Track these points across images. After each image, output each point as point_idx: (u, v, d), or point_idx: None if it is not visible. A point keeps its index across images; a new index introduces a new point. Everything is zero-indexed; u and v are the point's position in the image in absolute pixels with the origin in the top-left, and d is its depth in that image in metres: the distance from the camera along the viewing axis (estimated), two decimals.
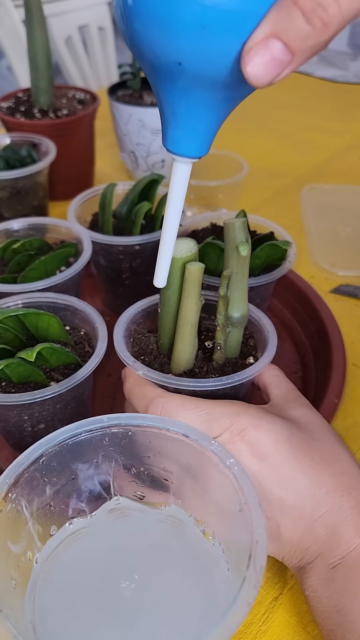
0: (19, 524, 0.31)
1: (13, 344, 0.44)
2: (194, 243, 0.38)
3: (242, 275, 0.39)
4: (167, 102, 0.31)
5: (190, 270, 0.36)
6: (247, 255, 0.37)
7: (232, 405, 0.35)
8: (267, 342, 0.42)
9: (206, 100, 0.30)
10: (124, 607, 0.30)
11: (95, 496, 0.34)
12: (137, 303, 0.46)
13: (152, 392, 0.37)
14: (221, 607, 0.29)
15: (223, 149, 0.79)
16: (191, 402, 0.35)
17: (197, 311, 0.38)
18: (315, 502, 0.32)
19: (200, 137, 0.33)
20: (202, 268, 0.36)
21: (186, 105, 0.31)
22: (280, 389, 0.40)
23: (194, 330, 0.39)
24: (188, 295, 0.37)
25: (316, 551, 0.32)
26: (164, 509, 0.34)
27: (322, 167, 0.90)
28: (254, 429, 0.34)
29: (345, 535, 0.31)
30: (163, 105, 0.32)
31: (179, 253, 0.37)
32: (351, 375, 0.53)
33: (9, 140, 0.72)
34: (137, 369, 0.39)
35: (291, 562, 0.34)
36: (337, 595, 0.31)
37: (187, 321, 0.38)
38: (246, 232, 0.38)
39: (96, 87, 1.44)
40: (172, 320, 0.40)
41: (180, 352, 0.39)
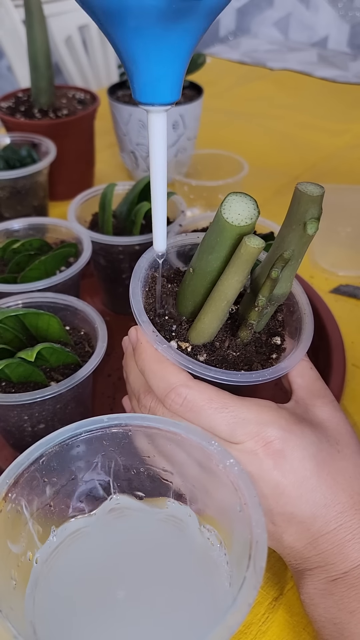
0: (19, 524, 0.31)
1: (13, 344, 0.44)
2: (255, 206, 0.32)
3: (300, 254, 0.33)
4: (125, 51, 0.30)
5: (248, 248, 0.31)
6: (313, 235, 0.31)
7: (261, 411, 0.33)
8: (303, 328, 0.37)
9: (161, 37, 0.29)
10: (123, 607, 0.30)
11: (95, 496, 0.34)
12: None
13: (176, 377, 0.33)
14: (221, 607, 0.29)
15: (223, 149, 0.79)
16: (218, 399, 0.33)
17: (239, 289, 0.33)
18: (326, 520, 0.31)
19: (166, 80, 0.31)
20: (262, 247, 0.31)
21: (143, 47, 0.29)
22: (304, 378, 0.37)
23: (228, 307, 0.34)
24: (235, 272, 0.32)
25: (317, 563, 0.32)
26: (163, 508, 0.34)
27: (322, 167, 0.90)
28: (281, 443, 0.32)
29: (351, 554, 0.31)
30: (123, 55, 0.30)
31: (236, 218, 0.32)
32: (351, 375, 0.53)
33: (9, 140, 0.72)
34: (158, 342, 0.34)
35: (289, 563, 0.34)
36: (334, 609, 0.30)
37: (224, 297, 0.33)
38: (321, 207, 0.31)
39: (96, 87, 1.44)
40: (204, 287, 0.35)
41: (207, 324, 0.35)
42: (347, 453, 0.33)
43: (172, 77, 0.31)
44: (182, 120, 0.76)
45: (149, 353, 0.35)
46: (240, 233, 0.32)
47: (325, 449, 0.33)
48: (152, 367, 0.35)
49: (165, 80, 0.31)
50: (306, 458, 0.32)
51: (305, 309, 0.38)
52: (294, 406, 0.36)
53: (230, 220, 0.32)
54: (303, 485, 0.32)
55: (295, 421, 0.33)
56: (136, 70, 0.31)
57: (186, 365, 0.34)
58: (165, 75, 0.31)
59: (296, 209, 0.31)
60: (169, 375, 0.34)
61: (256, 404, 0.33)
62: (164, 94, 0.31)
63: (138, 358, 0.36)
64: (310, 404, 0.35)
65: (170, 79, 0.31)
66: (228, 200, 0.32)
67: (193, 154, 0.81)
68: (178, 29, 0.28)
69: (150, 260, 0.39)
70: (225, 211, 0.32)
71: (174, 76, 0.31)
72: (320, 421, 0.34)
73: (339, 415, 0.35)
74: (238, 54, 1.39)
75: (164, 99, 0.31)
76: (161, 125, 0.32)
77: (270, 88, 1.22)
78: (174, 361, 0.34)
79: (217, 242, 0.33)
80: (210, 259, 0.34)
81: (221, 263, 0.34)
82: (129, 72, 0.31)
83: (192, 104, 0.76)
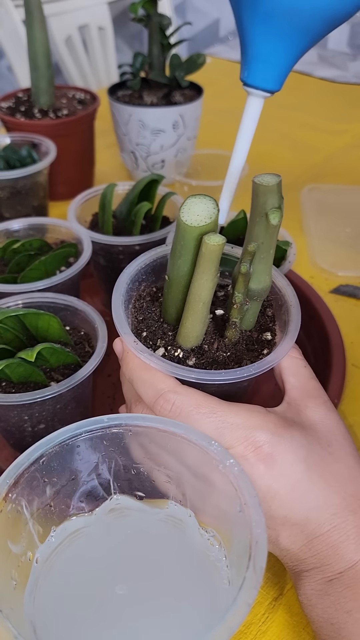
0: (19, 524, 0.31)
1: (13, 344, 0.44)
2: (214, 205, 0.32)
3: (269, 246, 0.33)
4: (248, 32, 0.34)
5: (209, 246, 0.31)
6: (277, 225, 0.32)
7: (249, 415, 0.33)
8: (290, 320, 0.37)
9: (286, 31, 0.32)
10: (123, 607, 0.30)
11: (95, 496, 0.34)
12: (140, 257, 0.40)
13: (164, 383, 0.34)
14: (221, 607, 0.29)
15: (223, 149, 0.79)
16: (206, 404, 0.33)
17: (212, 289, 0.34)
18: (319, 522, 0.31)
19: (276, 69, 0.35)
20: (222, 244, 0.31)
21: (266, 33, 0.33)
22: (298, 377, 0.36)
23: (206, 309, 0.34)
24: (203, 272, 0.32)
25: (313, 564, 0.32)
26: (164, 508, 0.34)
27: (322, 167, 0.90)
28: (270, 447, 0.32)
29: (345, 554, 0.31)
30: (245, 36, 0.34)
31: (195, 219, 0.32)
32: (351, 375, 0.53)
33: (9, 140, 0.72)
34: (139, 351, 0.34)
35: (286, 564, 0.34)
36: (331, 609, 0.31)
37: (199, 299, 0.34)
38: (280, 195, 0.32)
39: (96, 87, 1.44)
40: (181, 292, 0.36)
41: (190, 328, 0.36)
42: (339, 455, 0.33)
43: (282, 68, 0.35)
44: (182, 120, 0.76)
45: (135, 362, 0.35)
46: (201, 233, 0.32)
47: (316, 452, 0.33)
48: (139, 375, 0.35)
49: (276, 70, 0.35)
50: (297, 462, 0.32)
51: (291, 300, 0.38)
52: (285, 409, 0.35)
53: (190, 223, 0.32)
54: (295, 488, 0.31)
55: (284, 425, 0.33)
56: (253, 54, 0.34)
57: (169, 370, 0.34)
58: (278, 65, 0.34)
59: (256, 202, 0.32)
60: (157, 382, 0.34)
61: (245, 408, 0.33)
62: (270, 81, 0.35)
63: (125, 368, 0.36)
64: (303, 405, 0.35)
65: (281, 69, 0.35)
66: (186, 204, 0.32)
67: (193, 154, 0.81)
68: (302, 26, 0.32)
69: (132, 274, 0.39)
70: (183, 215, 0.32)
71: (284, 67, 0.35)
72: (312, 423, 0.34)
73: (332, 416, 0.35)
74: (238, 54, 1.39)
75: (269, 86, 0.35)
76: (257, 110, 0.36)
77: None
78: (157, 367, 0.34)
79: (181, 246, 0.33)
80: (180, 264, 0.34)
81: (190, 266, 0.34)
82: (244, 53, 0.35)
83: (192, 104, 0.76)
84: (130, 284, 0.39)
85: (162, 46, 0.77)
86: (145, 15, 0.74)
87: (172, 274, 0.36)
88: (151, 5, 0.72)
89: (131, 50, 2.03)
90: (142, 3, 0.71)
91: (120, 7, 1.65)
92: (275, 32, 0.33)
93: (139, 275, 0.40)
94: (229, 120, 1.08)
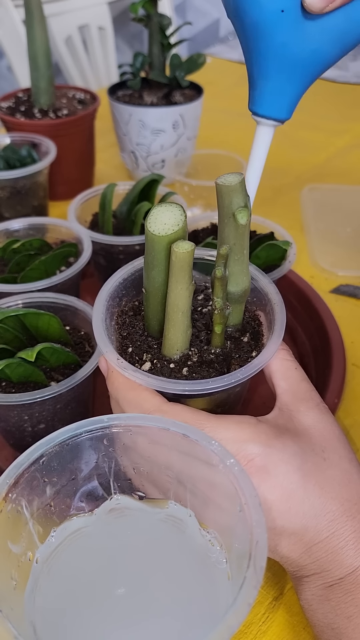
0: (19, 524, 0.31)
1: (13, 344, 0.44)
2: (181, 212, 0.32)
3: (242, 246, 0.33)
4: (259, 63, 0.33)
5: (178, 255, 0.30)
6: (246, 224, 0.31)
7: (239, 428, 0.32)
8: (274, 319, 0.36)
9: (300, 69, 0.32)
10: (124, 607, 0.30)
11: (95, 496, 0.34)
12: (118, 272, 0.40)
13: (149, 403, 0.34)
14: (221, 607, 0.29)
15: (223, 149, 0.79)
16: (194, 421, 0.32)
17: (189, 296, 0.33)
18: (318, 529, 0.31)
19: (288, 99, 0.34)
20: (192, 250, 0.31)
21: (280, 71, 0.32)
22: (288, 381, 0.35)
23: (186, 317, 0.34)
24: (176, 282, 0.32)
25: (313, 570, 0.32)
26: (164, 508, 0.34)
27: (322, 167, 0.90)
28: (262, 459, 0.31)
29: (345, 560, 0.31)
30: (255, 66, 0.33)
31: (162, 228, 0.31)
32: (351, 375, 0.53)
33: (9, 140, 0.72)
34: (123, 368, 0.34)
35: (287, 570, 0.34)
36: (331, 614, 0.31)
37: (177, 309, 0.33)
38: (245, 194, 0.31)
39: (96, 87, 1.44)
40: (159, 303, 0.35)
41: (172, 339, 0.35)
42: (334, 460, 0.33)
43: (292, 97, 0.34)
44: (182, 120, 0.76)
45: (121, 381, 0.35)
46: (170, 242, 0.31)
47: (310, 459, 0.32)
48: (125, 395, 0.35)
49: (286, 98, 0.34)
50: (290, 471, 0.31)
51: (274, 298, 0.37)
52: (276, 416, 0.35)
53: (157, 232, 0.32)
54: (290, 498, 0.31)
55: (277, 434, 0.33)
56: (265, 85, 0.34)
57: (155, 384, 0.33)
58: (288, 93, 0.34)
59: (222, 203, 0.31)
60: (142, 401, 0.34)
61: (234, 421, 0.33)
62: (282, 111, 0.34)
63: (111, 387, 0.36)
64: (295, 410, 0.34)
65: (291, 98, 0.34)
66: (152, 214, 0.32)
67: (193, 154, 0.81)
68: (315, 54, 0.32)
69: (111, 291, 0.39)
70: (150, 225, 0.32)
71: (295, 96, 0.34)
72: (305, 428, 0.34)
73: (324, 419, 0.34)
74: (238, 54, 1.39)
75: (280, 115, 0.34)
76: (267, 139, 0.35)
77: None
78: (142, 382, 0.34)
79: (152, 257, 0.33)
80: (154, 275, 0.34)
81: (164, 275, 0.33)
82: (254, 83, 0.34)
83: (192, 104, 0.76)
84: (110, 300, 0.39)
85: (162, 46, 0.77)
86: (145, 15, 0.74)
87: (149, 286, 0.35)
88: (151, 5, 0.72)
89: (131, 50, 2.03)
90: (142, 3, 0.71)
91: (120, 7, 1.65)
92: (289, 70, 0.32)
93: (118, 291, 0.39)
94: (229, 120, 1.08)
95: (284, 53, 0.32)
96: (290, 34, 0.31)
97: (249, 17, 0.32)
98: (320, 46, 0.32)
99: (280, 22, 0.31)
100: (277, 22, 0.31)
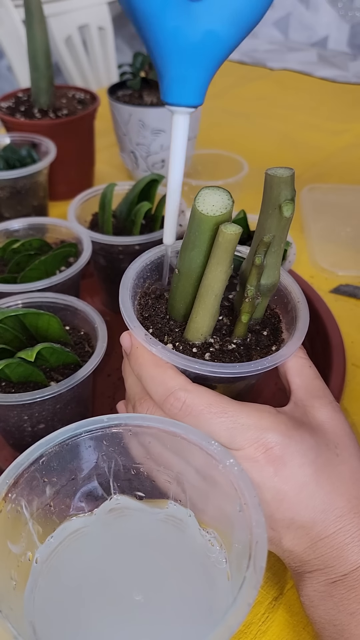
0: (19, 524, 0.31)
1: (13, 344, 0.44)
2: (228, 196, 0.32)
3: (281, 239, 0.33)
4: (160, 52, 0.33)
5: (225, 235, 0.31)
6: (290, 217, 0.32)
7: (261, 416, 0.32)
8: (298, 316, 0.37)
9: (195, 44, 0.32)
10: (123, 607, 0.30)
11: (95, 496, 0.34)
12: (144, 254, 0.40)
13: (175, 381, 0.33)
14: (221, 607, 0.29)
15: (223, 149, 0.79)
16: (217, 404, 0.32)
17: (225, 281, 0.33)
18: (325, 524, 0.31)
19: (196, 86, 0.34)
20: (239, 233, 0.31)
21: (177, 50, 0.33)
22: (302, 377, 0.36)
23: (217, 302, 0.34)
24: (218, 263, 0.32)
25: (316, 565, 0.32)
26: (163, 508, 0.34)
27: (322, 167, 0.90)
28: (281, 449, 0.32)
29: (350, 557, 0.31)
30: (157, 57, 0.34)
31: (210, 209, 0.32)
32: (351, 375, 0.53)
33: (9, 140, 0.72)
34: (151, 344, 0.34)
35: (289, 565, 0.34)
36: (334, 610, 0.31)
37: (211, 291, 0.33)
38: (293, 187, 0.32)
39: (96, 87, 1.44)
40: (191, 285, 0.35)
41: (199, 323, 0.35)
42: (345, 456, 0.33)
43: (199, 82, 0.34)
44: None
45: (146, 357, 0.34)
46: (217, 223, 0.32)
47: (324, 454, 0.32)
48: (149, 371, 0.34)
49: (193, 83, 0.34)
50: (306, 464, 0.32)
51: (298, 296, 0.38)
52: (292, 409, 0.35)
53: (206, 212, 0.32)
54: (302, 491, 0.31)
55: (295, 426, 0.33)
56: (167, 72, 0.34)
57: (183, 363, 0.33)
58: (193, 78, 0.34)
59: (270, 194, 0.32)
60: (168, 379, 0.33)
61: (256, 409, 0.33)
62: (190, 97, 0.35)
63: (134, 363, 0.35)
64: (309, 406, 0.35)
65: (197, 83, 0.34)
66: (201, 195, 0.33)
67: (193, 154, 0.81)
68: (209, 36, 0.32)
69: (138, 269, 0.39)
70: (199, 204, 0.32)
71: (201, 81, 0.34)
72: (319, 423, 0.34)
73: (337, 417, 0.35)
74: (238, 54, 1.39)
75: (189, 101, 0.35)
76: (184, 126, 0.35)
77: (270, 88, 1.22)
78: (169, 360, 0.34)
79: (196, 236, 0.33)
80: (193, 256, 0.34)
81: (204, 257, 0.34)
82: (160, 73, 0.35)
83: None
84: (136, 279, 0.39)
85: None
86: None
87: (183, 267, 0.35)
88: None
89: (131, 50, 2.03)
90: None
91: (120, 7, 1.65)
92: (189, 55, 0.33)
93: (144, 272, 0.40)
94: (229, 120, 1.09)
95: (179, 38, 0.32)
96: (181, 18, 0.31)
97: (141, 7, 0.32)
98: (214, 27, 0.32)
99: (169, 7, 0.31)
100: (165, 7, 0.31)
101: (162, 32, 0.32)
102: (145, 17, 0.32)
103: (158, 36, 0.32)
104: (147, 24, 0.33)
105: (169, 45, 0.33)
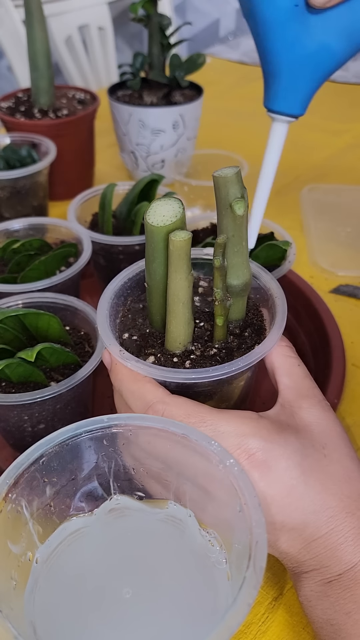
0: (19, 525, 0.31)
1: (13, 344, 0.44)
2: (179, 205, 0.32)
3: (240, 238, 0.34)
4: (273, 60, 0.35)
5: (175, 243, 0.31)
6: (243, 215, 0.32)
7: (241, 422, 0.32)
8: (276, 311, 0.36)
9: (309, 55, 0.34)
10: (123, 607, 0.30)
11: (95, 496, 0.34)
12: (124, 272, 0.41)
13: (152, 394, 0.34)
14: (221, 607, 0.29)
15: (223, 149, 0.79)
16: (196, 414, 0.33)
17: (189, 287, 0.33)
18: (317, 525, 0.31)
19: (303, 95, 0.36)
20: (188, 239, 0.31)
21: (291, 60, 0.34)
22: (291, 377, 0.36)
23: (187, 309, 0.34)
24: (175, 271, 0.32)
25: (312, 566, 0.32)
26: (163, 508, 0.34)
27: (322, 167, 0.90)
28: (263, 454, 0.31)
29: (344, 557, 0.31)
30: (269, 64, 0.35)
31: (160, 219, 0.32)
32: (351, 375, 0.53)
33: (9, 140, 0.72)
34: (126, 359, 0.34)
35: (286, 565, 0.34)
36: (330, 610, 0.31)
37: (177, 299, 0.34)
38: (241, 185, 0.32)
39: (96, 87, 1.44)
40: (161, 296, 0.36)
41: (175, 332, 0.35)
42: (334, 457, 0.33)
43: (305, 93, 0.36)
44: (182, 120, 0.76)
45: (124, 373, 0.35)
46: (168, 232, 0.32)
47: (311, 455, 0.32)
48: (128, 386, 0.35)
49: (299, 94, 0.36)
50: (291, 467, 0.31)
51: (275, 292, 0.38)
52: (278, 412, 0.35)
53: (156, 224, 0.32)
54: (291, 494, 0.31)
55: (278, 430, 0.33)
56: (276, 80, 0.35)
57: (156, 374, 0.34)
58: (300, 89, 0.36)
59: (219, 195, 0.33)
60: (146, 392, 0.34)
61: (236, 415, 0.33)
62: (295, 106, 0.36)
63: (114, 379, 0.36)
64: (296, 407, 0.35)
65: (304, 94, 0.36)
66: (152, 207, 0.33)
67: (193, 154, 0.81)
68: (323, 48, 0.34)
69: (116, 289, 0.40)
70: (150, 217, 0.33)
71: (307, 92, 0.36)
72: (307, 424, 0.34)
73: (327, 416, 0.34)
74: (238, 54, 1.39)
75: (293, 111, 0.36)
76: (282, 135, 0.37)
77: None
78: (146, 373, 0.34)
79: (152, 249, 0.33)
80: (155, 268, 0.34)
81: (164, 268, 0.34)
82: (268, 81, 0.36)
83: (192, 104, 0.76)
84: (115, 298, 0.39)
85: (162, 46, 0.77)
86: (145, 15, 0.74)
87: (150, 280, 0.36)
88: (151, 5, 0.72)
89: (131, 50, 2.03)
90: (142, 3, 0.71)
91: (120, 7, 1.65)
92: (301, 66, 0.34)
93: (123, 290, 0.40)
94: (229, 120, 1.08)
95: (296, 48, 0.34)
96: (301, 29, 0.33)
97: (264, 14, 0.33)
98: (328, 41, 0.33)
99: (293, 18, 0.33)
100: (289, 18, 0.33)
101: (281, 40, 0.34)
102: (266, 25, 0.34)
103: (276, 44, 0.34)
104: (266, 32, 0.34)
105: (284, 54, 0.34)
